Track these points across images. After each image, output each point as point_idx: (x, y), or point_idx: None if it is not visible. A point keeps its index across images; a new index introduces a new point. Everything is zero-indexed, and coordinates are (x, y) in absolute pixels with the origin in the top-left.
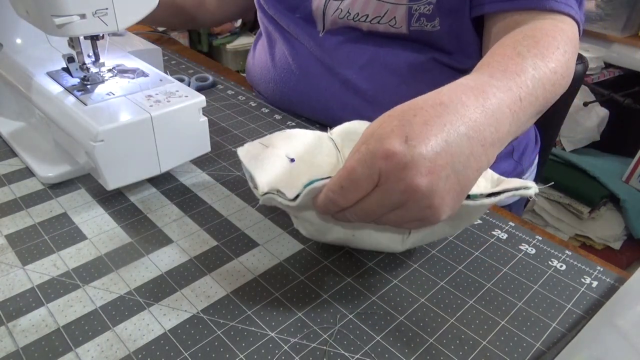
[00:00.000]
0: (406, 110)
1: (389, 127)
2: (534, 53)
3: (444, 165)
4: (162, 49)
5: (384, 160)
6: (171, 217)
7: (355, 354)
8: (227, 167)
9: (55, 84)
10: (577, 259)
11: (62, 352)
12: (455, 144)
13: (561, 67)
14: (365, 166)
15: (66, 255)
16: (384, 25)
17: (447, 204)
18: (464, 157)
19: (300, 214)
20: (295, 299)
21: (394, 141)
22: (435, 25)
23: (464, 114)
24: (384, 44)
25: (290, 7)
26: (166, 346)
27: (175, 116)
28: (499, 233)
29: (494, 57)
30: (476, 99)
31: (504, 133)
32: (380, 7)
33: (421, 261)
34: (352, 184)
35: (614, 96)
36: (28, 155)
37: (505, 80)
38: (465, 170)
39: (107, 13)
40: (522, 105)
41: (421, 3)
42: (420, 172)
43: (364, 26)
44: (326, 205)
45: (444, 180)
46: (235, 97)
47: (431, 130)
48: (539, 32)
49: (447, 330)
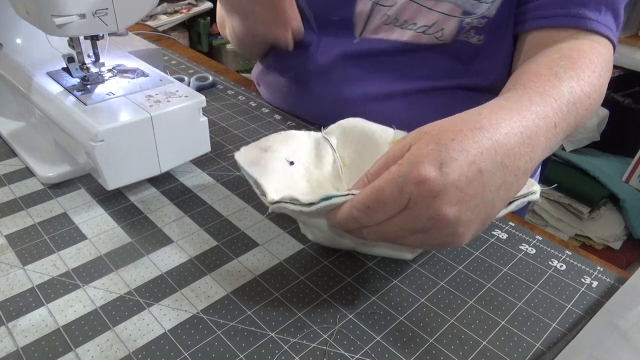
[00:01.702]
0: (444, 131)
1: (425, 150)
2: (570, 75)
3: (474, 195)
4: (162, 49)
5: (416, 185)
6: (171, 217)
7: (355, 354)
8: (227, 167)
9: (55, 84)
10: (577, 259)
11: (62, 352)
12: (489, 174)
13: (595, 91)
14: (395, 189)
15: (66, 255)
16: (428, 36)
17: (470, 232)
18: (496, 187)
19: (311, 220)
20: (295, 299)
21: (429, 167)
22: (481, 39)
23: (502, 142)
24: (418, 57)
25: (329, 7)
26: (166, 346)
27: (175, 116)
28: (499, 233)
29: (529, 76)
30: (515, 123)
31: (536, 161)
32: (430, 16)
33: (421, 261)
34: (379, 205)
35: (614, 96)
36: (28, 155)
37: (543, 104)
38: (494, 200)
39: (107, 13)
40: (556, 131)
41: (475, 17)
42: (450, 202)
43: (407, 35)
44: (347, 222)
45: (472, 209)
46: (235, 97)
47: (467, 158)
48: (576, 52)
49: (447, 330)
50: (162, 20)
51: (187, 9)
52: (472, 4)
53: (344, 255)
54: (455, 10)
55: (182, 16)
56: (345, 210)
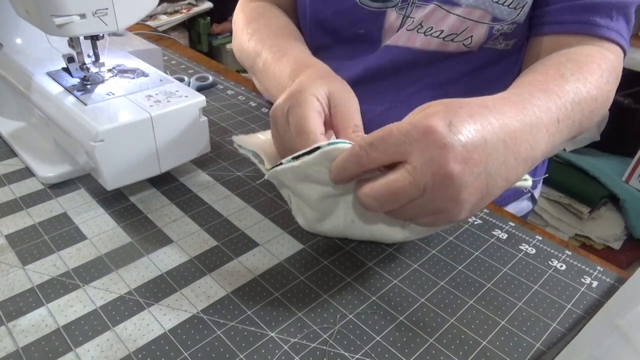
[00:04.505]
0: (452, 101)
1: (434, 109)
2: (576, 77)
3: (478, 161)
4: (162, 49)
5: (424, 135)
6: (171, 217)
7: (355, 354)
8: (227, 167)
9: (55, 84)
10: (577, 259)
11: (62, 352)
12: (493, 146)
13: (602, 95)
14: (402, 133)
15: (66, 255)
16: (456, 44)
17: (469, 203)
18: (498, 162)
19: (304, 185)
20: (295, 299)
21: (438, 120)
22: (509, 44)
23: (505, 122)
24: (442, 65)
25: (354, 22)
26: (166, 346)
27: (175, 116)
28: (499, 233)
29: (535, 76)
30: (517, 113)
31: (537, 152)
32: (459, 23)
33: (421, 261)
34: (382, 144)
35: (614, 96)
36: (28, 155)
37: (545, 99)
38: (495, 175)
39: (107, 13)
40: (559, 127)
41: (505, 23)
42: (456, 158)
43: (434, 43)
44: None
45: (475, 176)
46: (235, 97)
47: (474, 124)
48: (585, 57)
49: (447, 330)
50: (162, 20)
51: (187, 9)
52: (501, 10)
53: (344, 255)
54: (485, 16)
55: (182, 16)
56: (348, 149)
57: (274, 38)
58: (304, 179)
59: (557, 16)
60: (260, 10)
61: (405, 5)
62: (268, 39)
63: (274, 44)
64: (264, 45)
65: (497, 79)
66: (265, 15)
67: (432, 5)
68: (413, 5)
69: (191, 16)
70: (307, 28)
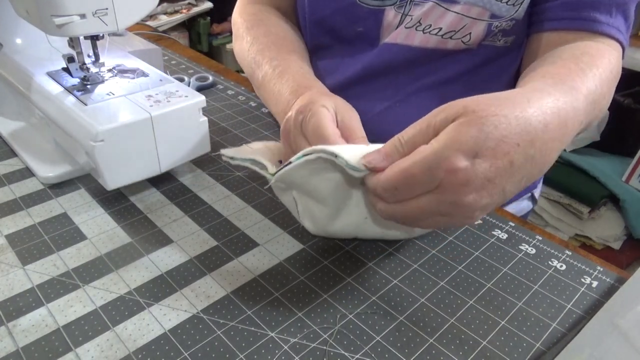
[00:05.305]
0: (491, 116)
1: (464, 137)
2: (593, 73)
3: (499, 184)
4: (162, 49)
5: (447, 173)
6: (171, 217)
7: (355, 354)
8: (227, 167)
9: (55, 84)
10: (577, 259)
11: (62, 352)
12: (518, 167)
13: (609, 92)
14: (426, 174)
15: (66, 255)
16: (455, 41)
17: (483, 214)
18: (519, 177)
19: (319, 176)
20: (295, 299)
21: (462, 158)
22: (508, 40)
23: (540, 136)
24: (440, 63)
25: (352, 20)
26: (166, 346)
27: (175, 116)
28: (499, 233)
29: (558, 69)
30: (555, 119)
31: (554, 158)
32: (457, 21)
33: (421, 261)
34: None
35: (614, 96)
36: (28, 155)
37: (578, 103)
38: (513, 190)
39: (107, 13)
40: (580, 128)
41: (504, 19)
42: (476, 189)
43: (433, 40)
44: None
45: (492, 196)
46: (235, 97)
47: (504, 148)
48: (595, 51)
49: (447, 330)
50: (162, 20)
51: (187, 9)
52: (499, 7)
53: (344, 255)
54: (483, 13)
55: (182, 16)
56: (370, 185)
57: (274, 50)
58: (320, 170)
59: (558, 12)
60: (260, 16)
61: (404, 3)
62: (268, 51)
63: (273, 57)
64: (264, 58)
65: (496, 76)
66: (264, 23)
67: (431, 2)
68: (411, 3)
69: (191, 16)
70: (306, 27)
